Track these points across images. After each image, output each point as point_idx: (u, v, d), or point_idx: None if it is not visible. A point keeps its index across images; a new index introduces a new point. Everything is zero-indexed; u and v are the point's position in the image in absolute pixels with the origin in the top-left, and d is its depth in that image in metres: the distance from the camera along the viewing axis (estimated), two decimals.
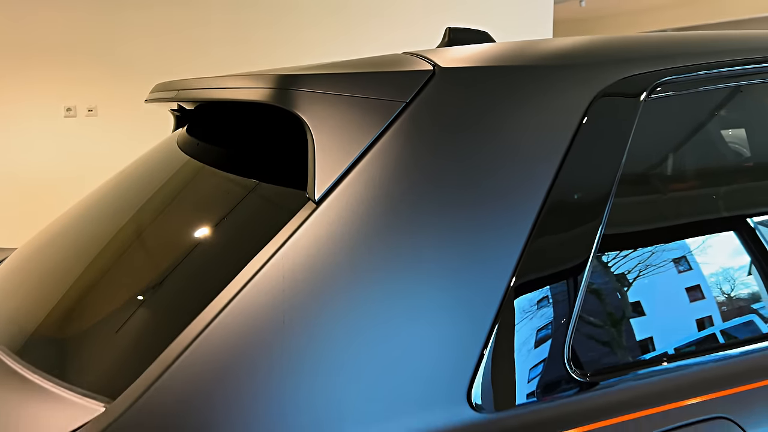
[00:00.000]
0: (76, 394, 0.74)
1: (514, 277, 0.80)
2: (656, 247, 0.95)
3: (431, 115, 0.84)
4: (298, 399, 0.71)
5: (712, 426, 0.86)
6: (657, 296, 0.93)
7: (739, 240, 1.02)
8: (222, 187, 1.01)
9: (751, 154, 1.07)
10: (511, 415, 0.79)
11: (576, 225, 0.86)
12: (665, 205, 0.98)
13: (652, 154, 0.97)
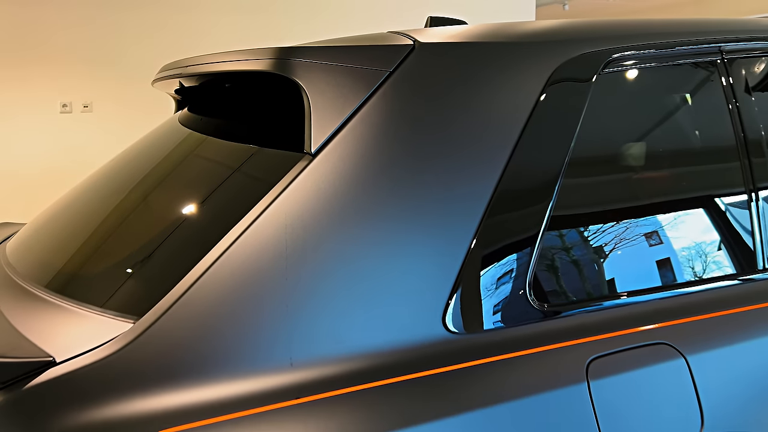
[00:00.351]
0: (109, 314, 0.86)
1: (482, 224, 0.94)
2: (607, 200, 1.09)
3: (411, 83, 0.98)
4: (300, 317, 0.83)
5: (655, 350, 0.99)
6: (607, 242, 1.07)
7: (680, 194, 1.16)
8: (228, 150, 1.14)
9: (689, 123, 1.21)
10: (479, 336, 0.92)
11: (536, 180, 1.00)
12: (616, 161, 1.12)
13: (604, 118, 1.10)
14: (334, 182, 0.90)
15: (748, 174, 1.20)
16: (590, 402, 0.92)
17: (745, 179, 1.19)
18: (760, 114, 1.26)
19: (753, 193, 1.19)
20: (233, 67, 1.07)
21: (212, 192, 1.03)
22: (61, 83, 3.96)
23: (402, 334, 0.88)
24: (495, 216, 0.95)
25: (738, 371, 1.04)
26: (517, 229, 0.97)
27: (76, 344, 0.82)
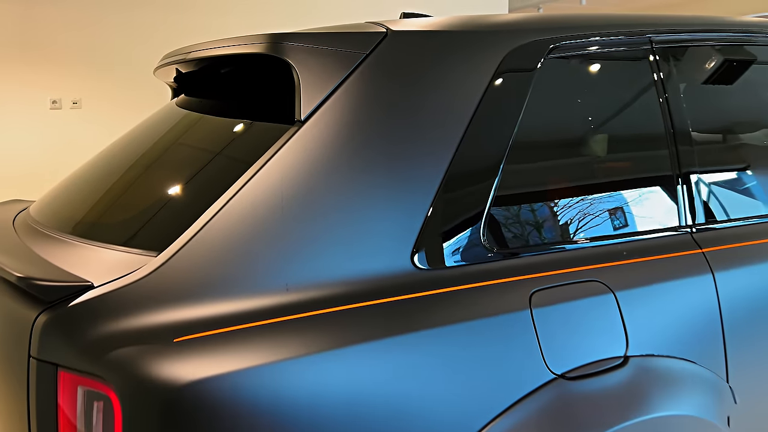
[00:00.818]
0: (133, 251, 1.04)
1: (443, 183, 1.13)
2: (550, 166, 1.29)
3: (384, 63, 1.17)
4: (293, 251, 1.02)
5: (588, 285, 1.19)
6: (549, 200, 1.27)
7: (611, 162, 1.36)
8: (230, 122, 1.32)
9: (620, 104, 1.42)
10: (441, 272, 1.11)
11: (489, 147, 1.19)
12: (557, 131, 1.32)
13: (547, 91, 1.30)
14: (320, 143, 1.08)
15: (673, 147, 1.40)
16: (533, 325, 1.11)
17: (670, 153, 1.40)
18: (685, 96, 1.47)
19: (676, 166, 1.40)
20: (233, 51, 1.26)
21: (220, 152, 1.21)
22: (51, 80, 4.09)
23: (377, 268, 1.06)
24: (454, 176, 1.14)
25: (656, 305, 1.24)
26: (473, 186, 1.16)
27: (107, 274, 0.99)
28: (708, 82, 1.57)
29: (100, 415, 0.91)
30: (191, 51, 1.40)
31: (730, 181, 1.53)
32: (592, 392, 1.12)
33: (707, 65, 1.58)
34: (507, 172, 1.20)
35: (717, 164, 1.51)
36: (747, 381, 1.35)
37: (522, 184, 1.24)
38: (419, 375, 1.00)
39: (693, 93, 1.53)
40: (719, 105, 1.58)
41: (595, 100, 1.38)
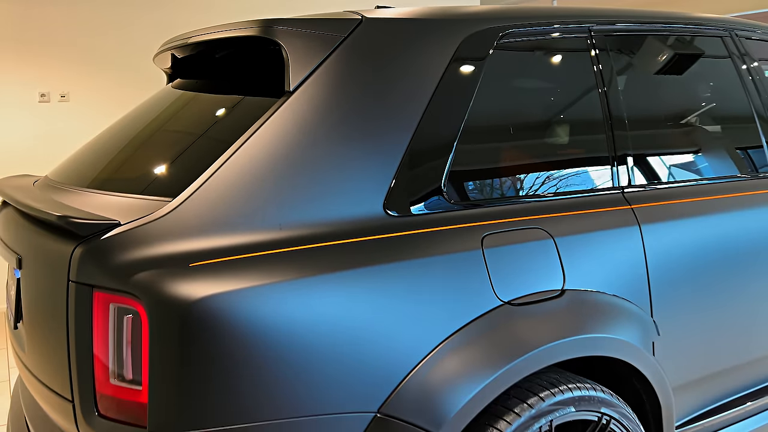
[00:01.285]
0: (149, 198, 1.24)
1: (409, 146, 1.34)
2: (503, 131, 1.52)
3: (360, 45, 1.39)
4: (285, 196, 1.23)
5: (531, 231, 1.42)
6: (500, 162, 1.50)
7: (554, 131, 1.60)
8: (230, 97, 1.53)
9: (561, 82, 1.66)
10: (408, 218, 1.33)
11: (449, 113, 1.41)
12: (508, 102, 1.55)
13: (498, 71, 1.53)
14: (306, 109, 1.30)
15: (608, 121, 1.64)
16: (484, 262, 1.34)
17: (606, 126, 1.64)
18: (620, 80, 1.71)
19: (611, 137, 1.64)
20: (229, 34, 1.46)
21: (221, 117, 1.42)
22: (40, 74, 4.23)
23: (356, 213, 1.27)
24: (419, 140, 1.36)
25: (590, 250, 1.48)
26: (435, 149, 1.39)
27: (130, 215, 1.19)
28: (640, 67, 1.82)
29: (129, 325, 1.11)
30: (191, 36, 1.61)
31: (656, 152, 1.78)
32: (534, 316, 1.35)
33: (640, 53, 1.83)
34: (463, 138, 1.43)
35: (646, 137, 1.75)
36: (668, 317, 1.60)
37: (476, 149, 1.47)
38: (390, 299, 1.22)
39: (627, 77, 1.78)
40: (650, 88, 1.83)
41: (541, 79, 1.62)
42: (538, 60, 1.63)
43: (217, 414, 1.09)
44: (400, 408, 1.20)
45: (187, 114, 1.55)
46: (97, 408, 1.15)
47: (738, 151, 1.96)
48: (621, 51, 1.76)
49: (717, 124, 2.00)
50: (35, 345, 1.33)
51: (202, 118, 1.49)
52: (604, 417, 1.42)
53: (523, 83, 1.60)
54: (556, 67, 1.66)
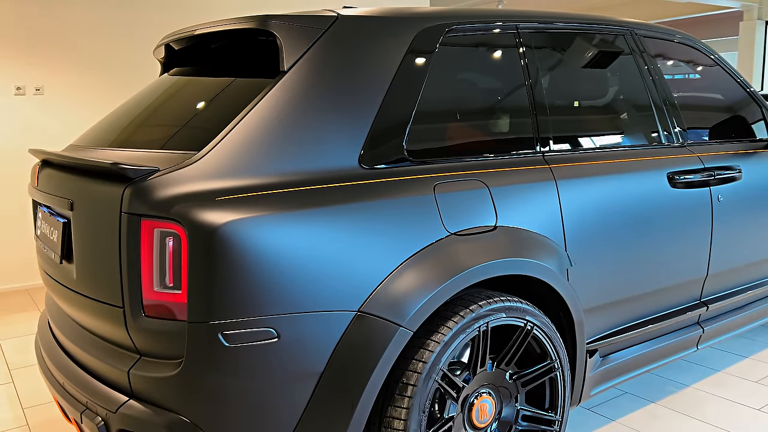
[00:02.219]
0: (177, 152, 1.60)
1: (378, 113, 1.74)
2: (451, 106, 1.94)
3: (336, 35, 1.78)
4: (287, 151, 1.60)
5: (472, 182, 1.84)
6: (450, 129, 1.91)
7: (493, 104, 2.03)
8: (232, 77, 1.89)
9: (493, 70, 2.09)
10: (377, 170, 1.72)
11: (408, 90, 1.81)
12: (456, 83, 1.96)
13: (445, 59, 1.94)
14: (297, 85, 1.68)
15: (532, 100, 2.08)
16: (435, 203, 1.74)
17: (530, 104, 2.08)
18: (540, 68, 2.16)
19: (534, 112, 2.07)
20: (232, 27, 1.83)
21: (230, 92, 1.79)
22: (16, 68, 4.44)
23: (338, 165, 1.66)
24: (384, 111, 1.76)
25: (517, 197, 1.91)
26: (396, 119, 1.79)
27: (165, 164, 1.55)
28: (557, 58, 2.28)
29: (170, 245, 1.47)
30: (197, 29, 1.97)
31: (569, 124, 2.23)
32: (473, 243, 1.77)
33: (557, 46, 2.28)
34: (419, 110, 1.83)
35: (561, 113, 2.20)
36: (579, 252, 2.05)
37: (429, 119, 1.88)
38: (365, 228, 1.61)
39: (547, 66, 2.23)
40: (565, 75, 2.29)
41: (480, 66, 2.05)
42: (476, 50, 2.06)
43: (239, 308, 1.46)
44: (374, 307, 1.59)
45: (198, 90, 1.91)
46: (143, 310, 1.51)
47: (634, 126, 2.45)
48: (542, 45, 2.21)
49: (619, 105, 2.48)
50: (88, 270, 1.67)
51: (212, 92, 1.86)
52: (529, 323, 1.86)
53: (465, 69, 2.03)
54: (491, 56, 2.09)
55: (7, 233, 4.56)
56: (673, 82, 2.63)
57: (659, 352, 2.44)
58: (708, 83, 2.96)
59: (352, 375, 1.57)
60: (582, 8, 11.12)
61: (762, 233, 2.76)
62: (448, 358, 1.69)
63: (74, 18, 4.61)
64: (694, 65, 2.88)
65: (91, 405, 1.64)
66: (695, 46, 2.80)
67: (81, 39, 4.64)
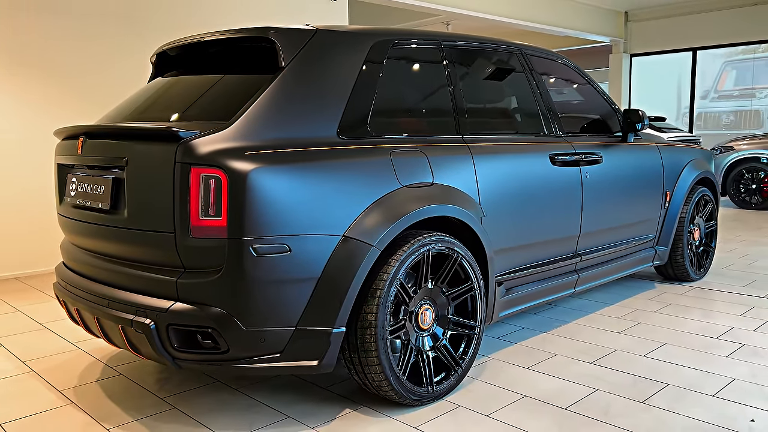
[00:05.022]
0: (214, 122, 2.20)
1: (348, 98, 2.42)
2: (400, 103, 2.65)
3: (316, 44, 2.45)
4: (276, 124, 2.24)
5: (416, 152, 2.55)
6: (401, 118, 2.63)
7: (427, 102, 2.77)
8: (244, 73, 2.51)
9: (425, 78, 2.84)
10: (348, 140, 2.39)
11: (367, 88, 2.51)
12: (402, 83, 2.68)
13: (393, 66, 2.66)
14: (293, 77, 2.33)
15: (454, 100, 2.84)
16: (392, 164, 2.44)
17: (453, 103, 2.83)
18: (460, 76, 2.93)
19: (455, 110, 2.83)
20: (239, 35, 2.45)
21: (245, 82, 2.40)
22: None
23: (325, 135, 2.32)
24: (353, 98, 2.44)
25: (447, 165, 2.64)
26: (362, 106, 2.47)
27: (201, 129, 2.14)
28: (473, 70, 3.07)
29: (213, 185, 2.06)
30: (203, 37, 2.57)
31: (481, 119, 3.02)
32: (417, 193, 2.47)
33: (472, 61, 3.07)
34: (377, 100, 2.53)
35: (475, 107, 2.99)
36: (489, 206, 2.81)
37: (385, 109, 2.58)
38: (346, 178, 2.28)
39: (465, 75, 3.01)
40: (475, 80, 3.08)
41: (419, 71, 2.79)
42: (415, 60, 2.80)
43: (263, 228, 2.07)
44: (355, 233, 2.25)
45: (208, 82, 2.52)
46: (191, 232, 2.08)
47: (523, 121, 3.29)
48: (459, 59, 2.99)
49: (515, 104, 3.31)
50: (141, 210, 2.20)
51: (223, 83, 2.46)
52: (456, 253, 2.58)
53: (408, 73, 2.76)
54: (425, 64, 2.84)
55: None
56: (555, 91, 3.51)
57: (548, 289, 3.26)
58: (580, 94, 3.89)
59: (339, 280, 2.21)
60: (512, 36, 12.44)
61: (618, 204, 3.69)
62: (404, 273, 2.38)
63: (27, 25, 4.94)
64: (570, 81, 3.80)
65: (140, 313, 2.17)
66: (570, 66, 3.71)
67: (34, 46, 4.98)
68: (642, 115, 3.77)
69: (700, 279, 4.59)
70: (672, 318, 3.68)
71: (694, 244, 4.50)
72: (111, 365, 3.02)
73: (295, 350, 2.18)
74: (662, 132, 9.73)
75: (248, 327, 2.10)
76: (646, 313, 3.79)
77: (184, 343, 2.15)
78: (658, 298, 4.11)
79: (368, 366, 2.32)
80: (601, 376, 2.81)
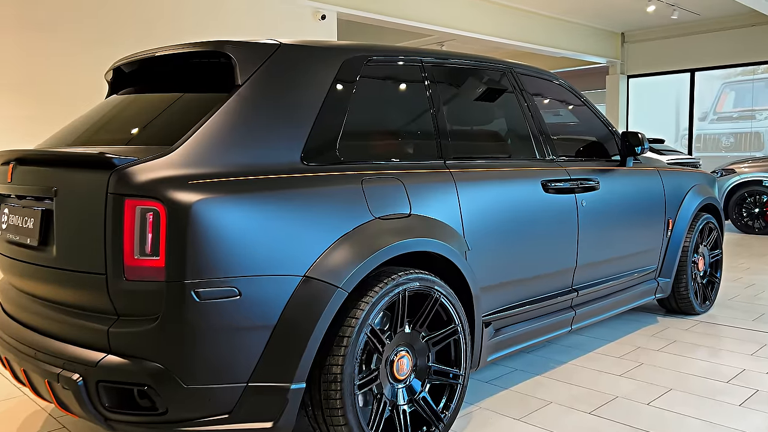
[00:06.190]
0: (152, 147, 1.92)
1: (315, 120, 2.15)
2: (371, 125, 2.39)
3: (279, 59, 2.19)
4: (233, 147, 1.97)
5: (391, 180, 2.28)
6: (373, 142, 2.36)
7: (405, 118, 2.51)
8: (196, 91, 2.24)
9: (402, 94, 2.58)
10: (313, 166, 2.12)
11: (338, 103, 2.25)
12: (371, 104, 2.42)
13: (366, 84, 2.40)
14: (250, 96, 2.07)
15: (435, 122, 2.58)
16: (363, 193, 2.17)
17: (434, 125, 2.57)
18: (441, 95, 2.67)
19: (437, 132, 2.57)
20: (192, 49, 2.20)
21: (197, 101, 2.14)
22: None
23: (286, 161, 2.05)
24: (320, 119, 2.18)
25: (427, 193, 2.37)
26: (331, 126, 2.21)
27: (141, 155, 1.87)
28: (457, 90, 2.81)
29: (150, 219, 1.78)
30: (155, 52, 2.31)
31: (466, 142, 2.76)
32: (391, 225, 2.20)
33: (457, 80, 2.81)
34: (347, 122, 2.27)
35: (462, 133, 2.72)
36: (475, 238, 2.53)
37: (357, 132, 2.32)
38: (309, 210, 2.00)
39: (449, 95, 2.75)
40: (459, 98, 2.82)
41: (394, 90, 2.53)
42: (393, 78, 2.54)
43: (207, 269, 1.79)
44: (318, 272, 1.97)
45: (158, 101, 2.25)
46: (124, 274, 1.80)
47: (513, 145, 3.02)
48: (442, 77, 2.73)
49: (503, 127, 3.05)
50: (71, 247, 1.92)
51: (173, 102, 2.20)
52: (437, 293, 2.30)
53: (385, 93, 2.50)
54: (403, 83, 2.58)
55: None
56: (548, 113, 3.26)
57: (541, 329, 2.96)
58: (575, 116, 3.64)
59: (299, 327, 1.92)
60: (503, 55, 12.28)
61: (618, 234, 3.41)
62: (376, 316, 2.09)
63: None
64: (564, 102, 3.55)
65: (68, 366, 1.88)
66: (564, 86, 3.46)
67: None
68: (642, 138, 3.51)
69: (705, 312, 4.30)
70: (677, 358, 3.38)
71: (699, 274, 4.22)
72: (55, 415, 2.71)
73: (246, 410, 1.89)
74: (661, 154, 9.51)
75: (190, 384, 1.81)
76: (648, 351, 3.50)
77: (116, 403, 1.86)
78: (661, 335, 3.82)
79: (333, 426, 2.02)
80: (601, 429, 2.51)
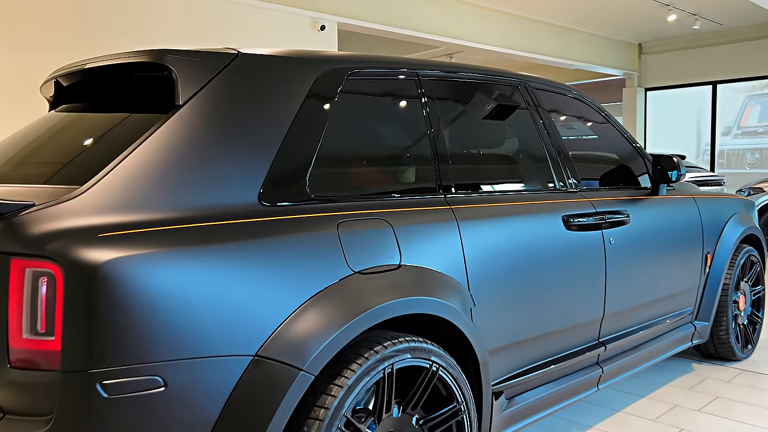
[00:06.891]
0: (60, 186, 1.47)
1: (279, 150, 1.70)
2: (352, 148, 1.93)
3: (236, 72, 1.74)
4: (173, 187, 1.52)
5: (376, 220, 1.82)
6: (351, 171, 1.90)
7: (389, 146, 2.04)
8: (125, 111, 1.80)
9: (393, 109, 2.12)
10: (278, 207, 1.66)
11: (310, 127, 1.79)
12: (357, 122, 1.97)
13: (345, 106, 1.94)
14: (193, 120, 1.62)
15: (433, 144, 2.11)
16: (339, 241, 1.70)
17: (431, 147, 2.11)
18: (440, 111, 2.21)
19: (435, 157, 2.11)
20: (124, 60, 1.75)
21: (120, 125, 1.69)
22: None
23: (239, 202, 1.59)
24: (286, 149, 1.72)
25: (421, 236, 1.90)
26: (299, 157, 1.75)
27: (44, 198, 1.42)
28: (461, 108, 2.35)
29: (44, 285, 1.33)
30: (86, 63, 1.87)
31: (471, 171, 2.29)
32: (375, 282, 1.73)
33: (453, 92, 2.35)
34: (321, 150, 1.81)
35: (464, 160, 2.26)
36: (482, 292, 2.06)
37: (333, 159, 1.86)
38: (264, 267, 1.54)
39: (451, 115, 2.29)
40: (463, 118, 2.36)
41: (382, 109, 2.07)
42: (382, 94, 2.08)
43: (120, 354, 1.33)
44: (273, 351, 1.50)
45: (87, 124, 1.80)
46: (9, 361, 1.34)
47: (528, 172, 2.54)
48: (442, 93, 2.27)
49: (516, 152, 2.58)
50: None
51: (102, 126, 1.75)
52: (434, 365, 1.82)
53: (371, 112, 2.04)
54: (395, 100, 2.12)
55: None
56: (567, 133, 2.78)
57: (563, 393, 2.47)
58: (598, 136, 3.16)
59: (248, 425, 1.45)
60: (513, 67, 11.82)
61: (651, 274, 2.91)
62: (352, 404, 1.61)
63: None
64: (585, 119, 3.07)
65: None
66: (585, 101, 2.99)
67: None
68: (677, 162, 3.01)
69: (747, 357, 3.78)
70: (722, 421, 2.87)
71: (740, 315, 3.71)
72: None
73: None
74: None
75: None
76: (687, 412, 2.98)
77: None
78: (700, 388, 3.30)
79: None
80: None
